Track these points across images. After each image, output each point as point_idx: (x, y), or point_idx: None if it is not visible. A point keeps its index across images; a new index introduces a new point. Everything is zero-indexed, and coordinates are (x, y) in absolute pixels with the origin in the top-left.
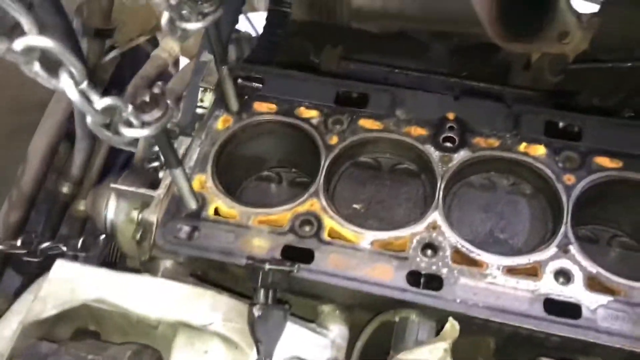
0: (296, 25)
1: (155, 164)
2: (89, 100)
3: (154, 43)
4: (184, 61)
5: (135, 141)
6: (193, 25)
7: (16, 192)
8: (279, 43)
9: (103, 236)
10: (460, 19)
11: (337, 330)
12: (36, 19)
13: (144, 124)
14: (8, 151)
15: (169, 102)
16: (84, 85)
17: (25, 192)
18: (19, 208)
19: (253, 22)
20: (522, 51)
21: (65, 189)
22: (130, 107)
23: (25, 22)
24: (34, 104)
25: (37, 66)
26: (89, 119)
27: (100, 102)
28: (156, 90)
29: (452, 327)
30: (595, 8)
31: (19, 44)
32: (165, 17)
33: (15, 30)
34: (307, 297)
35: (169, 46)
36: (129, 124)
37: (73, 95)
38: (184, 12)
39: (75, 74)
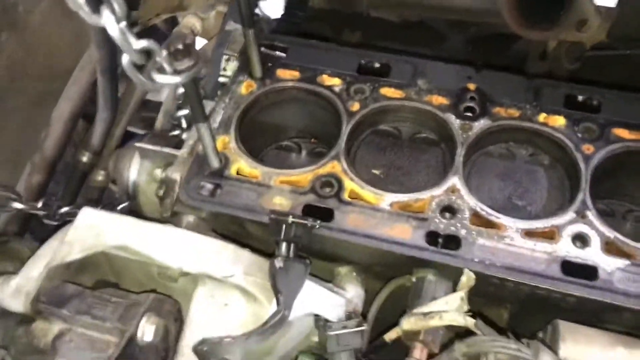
0: (314, 11)
1: (176, 132)
2: (126, 41)
3: (173, 25)
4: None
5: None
6: None
7: (39, 156)
8: (298, 25)
9: (120, 206)
10: (478, 8)
11: (354, 291)
12: None
13: (175, 72)
14: (34, 116)
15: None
16: (123, 24)
17: (47, 156)
18: (41, 171)
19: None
20: (540, 39)
21: (84, 159)
22: (164, 53)
23: None
24: (60, 72)
25: None
26: (125, 59)
27: (138, 43)
28: (188, 41)
29: (468, 277)
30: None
31: None
32: None
33: None
34: (326, 258)
35: (190, 23)
36: (162, 71)
37: (114, 31)
38: None
39: (116, 11)
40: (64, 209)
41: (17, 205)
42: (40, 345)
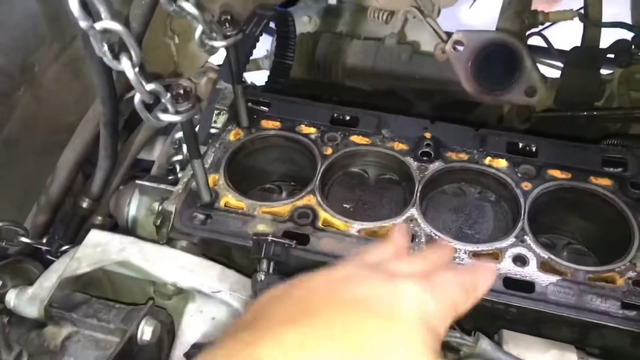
0: (295, 80)
1: (171, 177)
2: (139, 82)
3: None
4: None
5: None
6: (219, 43)
7: (44, 198)
8: (280, 92)
9: None
10: (440, 77)
11: None
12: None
13: (176, 112)
14: (42, 163)
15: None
16: (137, 69)
17: (52, 199)
18: (46, 212)
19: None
20: (495, 103)
21: (84, 204)
22: (168, 95)
23: (103, 10)
24: (66, 125)
25: (105, 47)
26: (137, 98)
27: (148, 85)
28: (188, 87)
29: None
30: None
31: (99, 25)
32: (198, 31)
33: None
34: None
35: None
36: (166, 111)
37: (130, 74)
38: (212, 33)
39: (133, 58)
40: (65, 247)
41: (24, 239)
42: (50, 347)
